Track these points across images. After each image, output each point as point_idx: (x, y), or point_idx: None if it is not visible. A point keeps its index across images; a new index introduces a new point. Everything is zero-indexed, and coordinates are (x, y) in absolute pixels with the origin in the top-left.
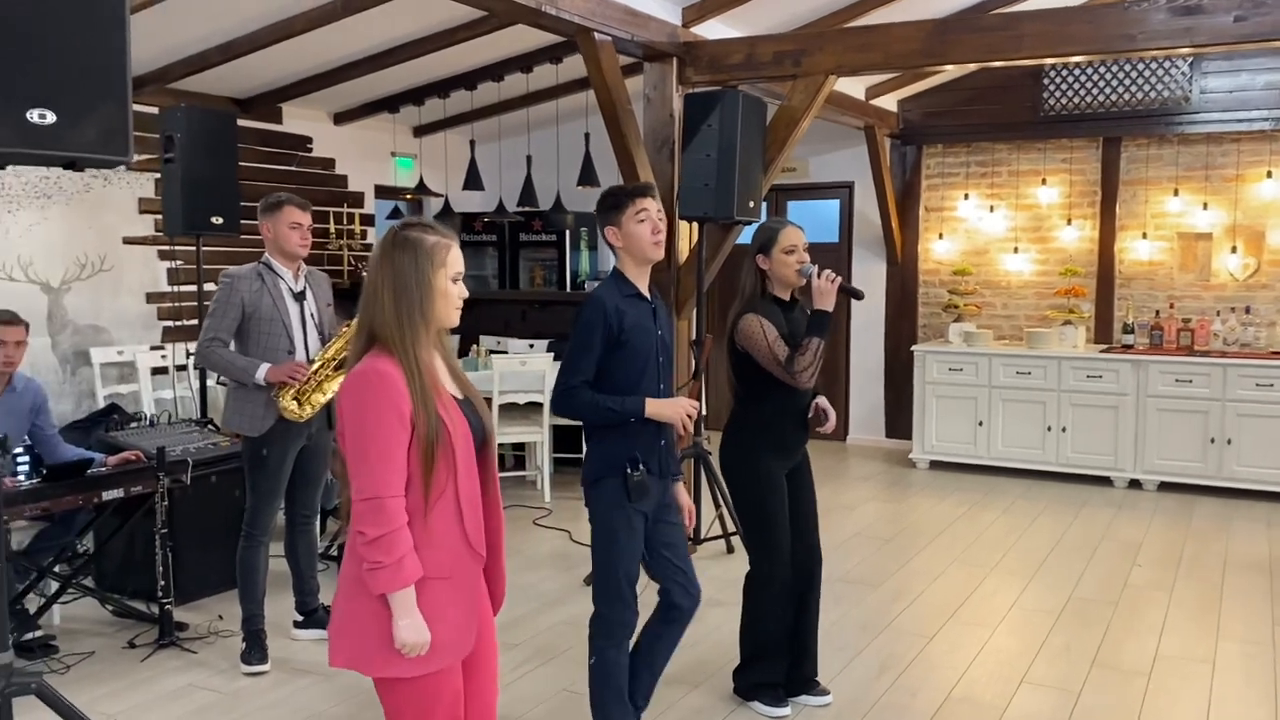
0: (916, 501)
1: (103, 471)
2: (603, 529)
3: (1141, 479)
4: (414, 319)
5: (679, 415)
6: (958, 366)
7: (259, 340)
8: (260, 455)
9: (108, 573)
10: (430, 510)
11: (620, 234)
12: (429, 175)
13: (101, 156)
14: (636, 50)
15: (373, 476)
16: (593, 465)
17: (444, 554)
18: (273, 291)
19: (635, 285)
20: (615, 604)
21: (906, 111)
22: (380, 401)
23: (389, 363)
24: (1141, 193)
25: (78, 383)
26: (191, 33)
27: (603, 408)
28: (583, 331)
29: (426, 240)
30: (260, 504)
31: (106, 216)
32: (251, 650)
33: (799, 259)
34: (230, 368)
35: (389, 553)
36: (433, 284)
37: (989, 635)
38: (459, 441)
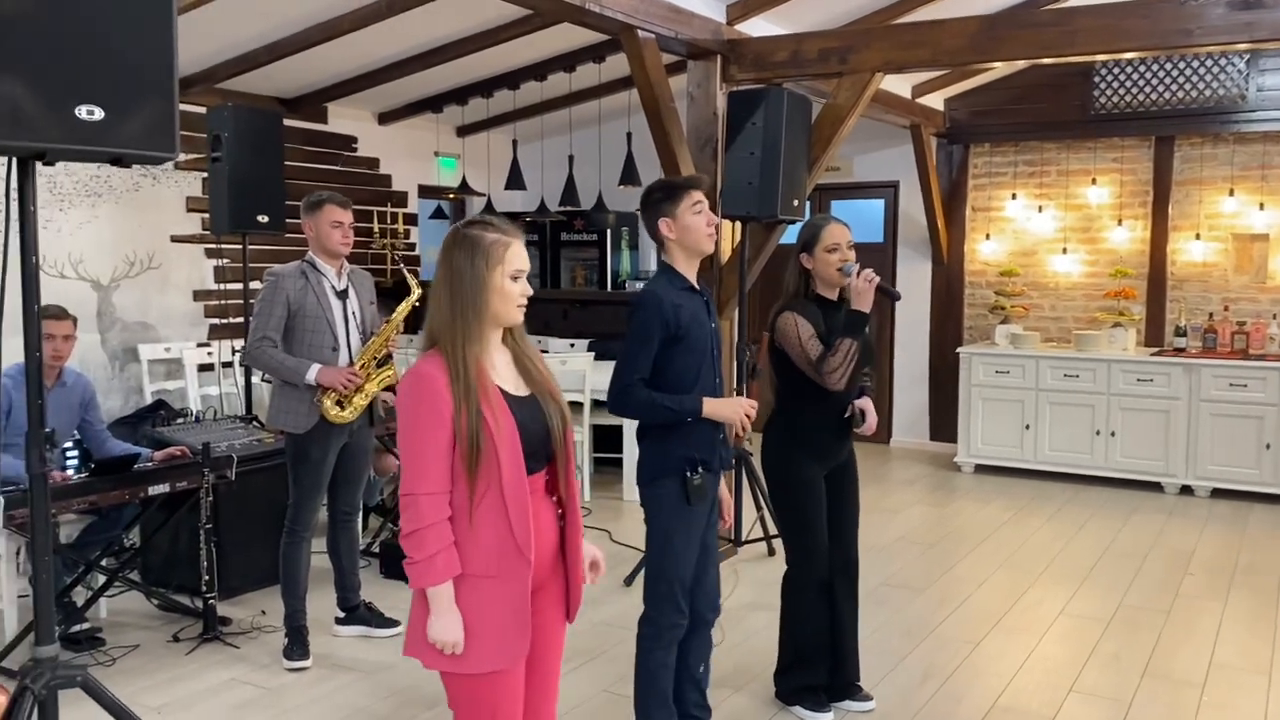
0: (961, 505)
1: (149, 467)
2: (659, 531)
3: (1193, 485)
4: (467, 317)
5: (738, 415)
6: (1004, 369)
7: (303, 338)
8: (304, 452)
9: (153, 566)
10: (475, 509)
11: (675, 225)
12: (471, 175)
13: (148, 152)
14: (680, 48)
15: (408, 473)
16: (648, 465)
17: (489, 553)
18: (316, 290)
19: (687, 278)
20: (666, 608)
21: (953, 110)
22: (419, 403)
23: (436, 363)
24: (1195, 193)
25: (126, 379)
26: (239, 33)
27: (660, 406)
28: (639, 328)
29: (485, 238)
30: (303, 500)
31: (155, 215)
32: (294, 646)
33: (841, 257)
34: (280, 368)
35: (419, 548)
36: (487, 281)
37: (1036, 643)
38: (502, 440)
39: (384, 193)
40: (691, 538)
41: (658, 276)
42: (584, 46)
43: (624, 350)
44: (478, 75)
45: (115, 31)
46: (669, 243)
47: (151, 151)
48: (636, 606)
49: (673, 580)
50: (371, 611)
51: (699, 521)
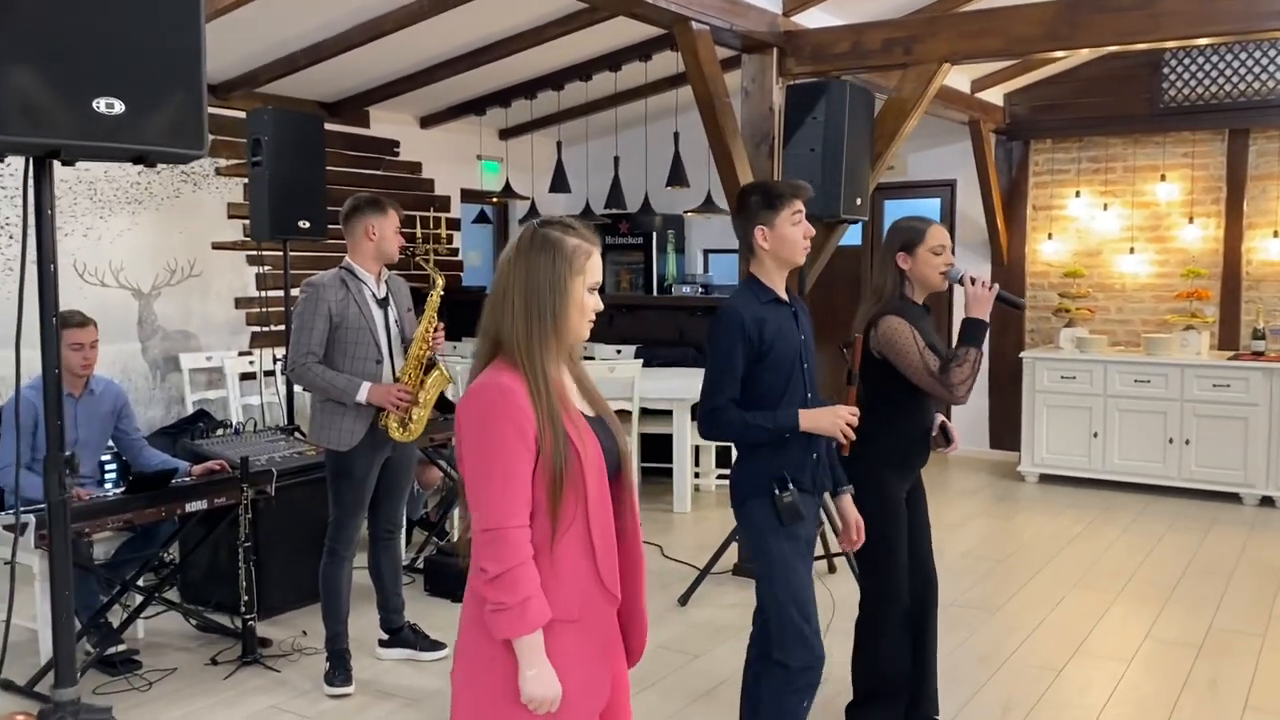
0: (1028, 518)
1: (186, 482)
2: (762, 558)
3: (1275, 496)
4: (545, 329)
5: (837, 425)
6: (1070, 374)
7: (346, 350)
8: (346, 469)
9: (192, 583)
10: (557, 544)
11: (771, 235)
12: (515, 178)
13: (174, 150)
14: (735, 41)
15: (492, 504)
16: (739, 484)
17: (572, 594)
18: (358, 299)
19: (773, 289)
20: (794, 648)
21: (1013, 105)
22: (502, 419)
23: (513, 376)
24: (1272, 188)
25: (167, 388)
26: (279, 35)
27: (754, 426)
28: (720, 348)
29: (567, 243)
30: (344, 518)
31: (196, 222)
32: (335, 671)
33: (946, 260)
34: (330, 387)
35: (512, 591)
36: (569, 292)
37: (1123, 670)
38: (590, 465)
39: (427, 197)
40: (797, 562)
41: (741, 289)
42: (630, 45)
43: (708, 372)
44: (521, 76)
45: (136, 18)
46: (760, 252)
47: (178, 149)
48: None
49: (792, 613)
50: (416, 633)
51: (798, 543)
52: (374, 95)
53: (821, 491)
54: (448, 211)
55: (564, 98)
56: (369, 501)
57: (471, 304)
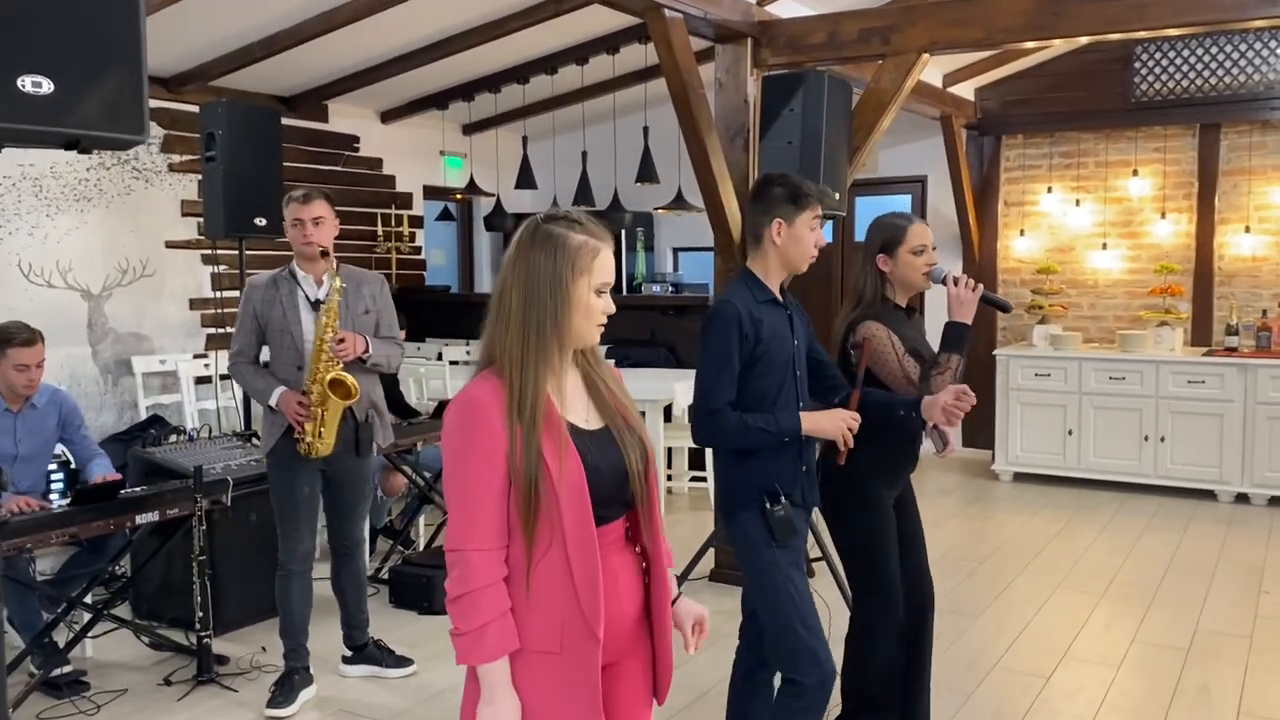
0: (1005, 518)
1: (136, 493)
2: (757, 575)
3: (1250, 493)
4: (543, 335)
5: (840, 429)
6: (1044, 371)
7: (274, 353)
8: (273, 479)
9: (146, 596)
10: (534, 569)
11: (787, 233)
12: (480, 174)
13: (111, 135)
14: (708, 30)
15: (455, 524)
16: (728, 496)
17: (550, 624)
18: (285, 301)
19: (770, 289)
20: (806, 665)
21: (984, 100)
22: (469, 436)
23: (490, 387)
24: (1244, 183)
25: (119, 393)
26: (233, 25)
27: (755, 429)
28: (716, 345)
29: (572, 239)
30: (285, 532)
31: (148, 220)
32: (279, 689)
33: (929, 260)
34: (251, 388)
35: (469, 617)
36: (571, 294)
37: (1112, 675)
38: (566, 487)
39: (388, 194)
40: (794, 576)
41: (736, 284)
42: (597, 37)
43: (703, 373)
44: (485, 70)
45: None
46: (769, 247)
47: (115, 134)
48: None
49: (799, 632)
50: (381, 649)
51: (792, 558)
52: (332, 89)
53: (811, 507)
54: (410, 209)
55: (529, 92)
56: (311, 515)
57: (435, 304)
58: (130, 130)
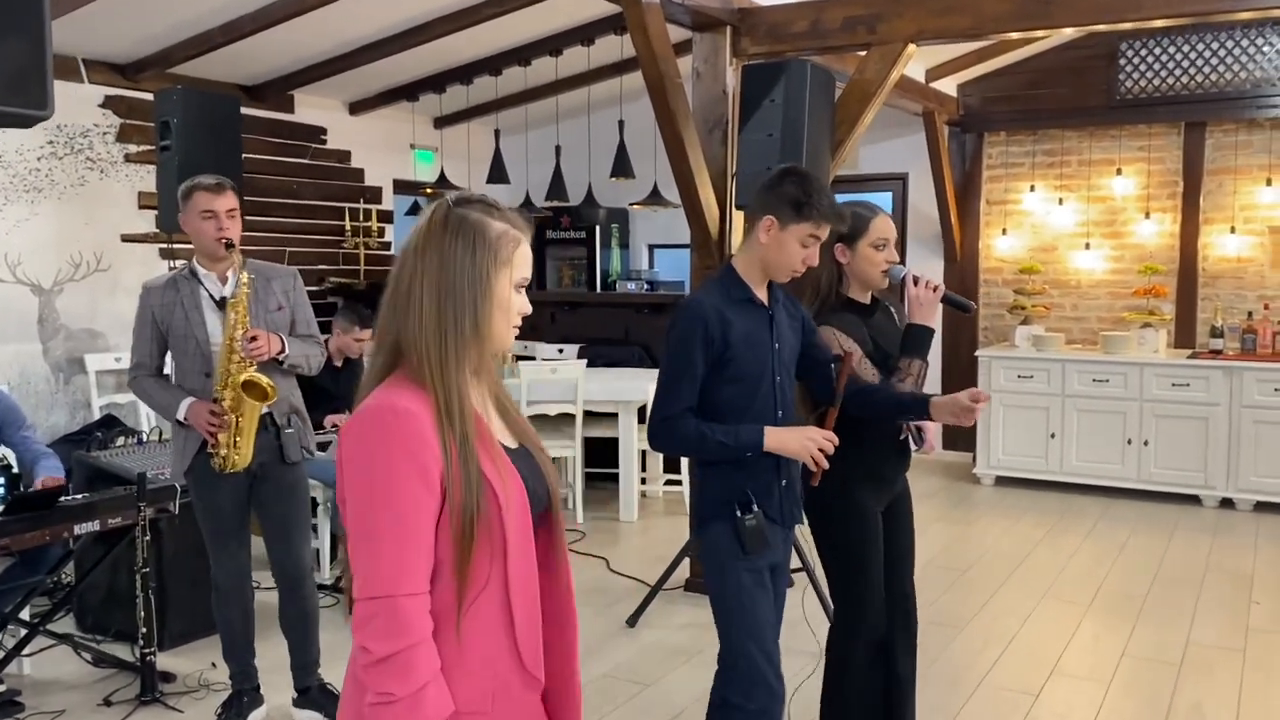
0: (988, 524)
1: (76, 501)
2: (718, 588)
3: (1235, 498)
4: (462, 335)
5: (807, 449)
6: (1027, 373)
7: (177, 361)
8: (194, 500)
9: (90, 608)
10: (465, 613)
11: (774, 235)
12: (451, 168)
13: (9, 110)
14: (685, 17)
15: (380, 565)
16: (700, 505)
17: (481, 678)
18: (186, 302)
19: (749, 287)
20: (753, 688)
21: (966, 96)
22: (396, 453)
23: (415, 395)
24: (1229, 183)
25: (71, 392)
26: (193, 9)
27: (712, 441)
28: (678, 347)
29: (490, 227)
30: (211, 547)
31: (103, 212)
32: (229, 710)
33: (889, 257)
34: (154, 403)
35: (404, 679)
36: (493, 290)
37: (1103, 693)
38: (511, 513)
39: (356, 188)
40: (757, 595)
41: (713, 281)
42: (572, 28)
43: (663, 374)
44: (456, 61)
45: None
46: (757, 246)
47: (14, 109)
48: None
49: (751, 651)
50: (326, 694)
51: (759, 574)
52: (299, 78)
53: (791, 525)
54: (379, 203)
55: (502, 84)
56: (239, 533)
57: None
58: (30, 105)
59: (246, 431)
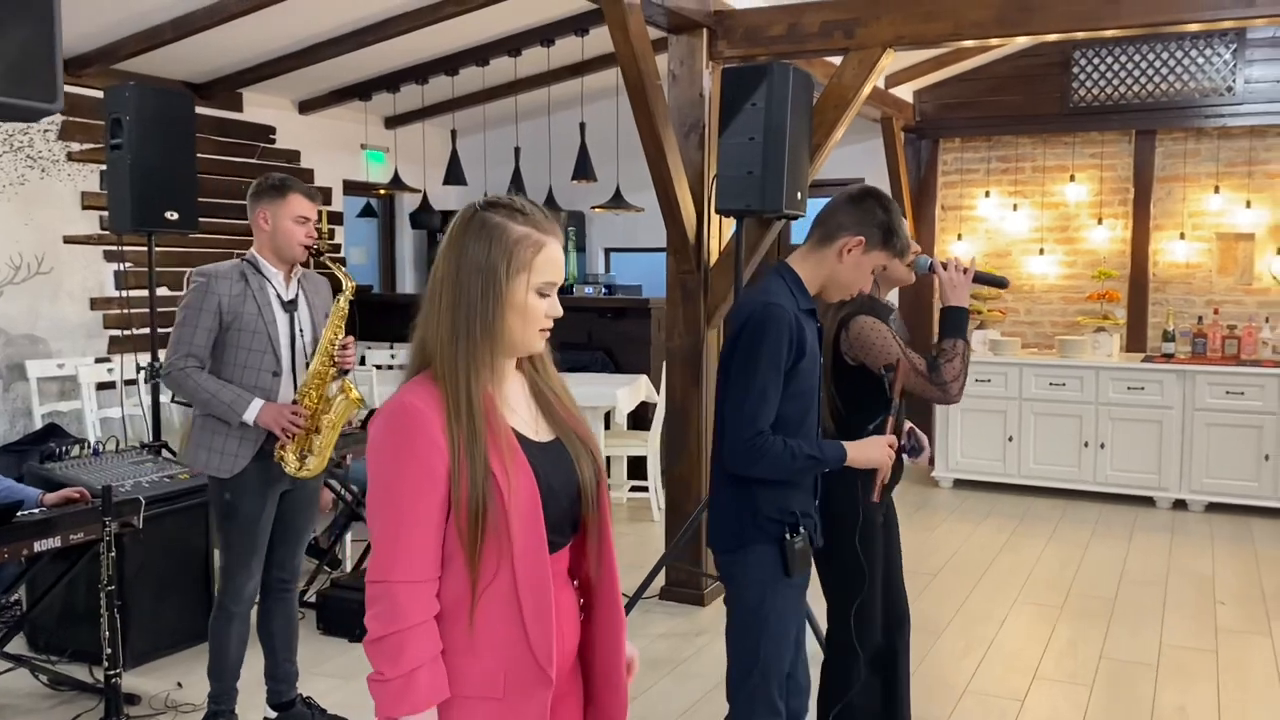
0: (951, 527)
1: (36, 516)
2: (749, 612)
3: (1188, 499)
4: (472, 336)
5: (889, 457)
6: (985, 377)
7: (237, 357)
8: (232, 505)
9: (44, 628)
10: (477, 602)
11: (858, 259)
12: (405, 169)
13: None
14: (662, 19)
15: (380, 551)
16: (732, 526)
17: (494, 665)
18: (259, 297)
19: (810, 297)
20: (760, 710)
21: (922, 103)
22: (404, 449)
23: (426, 394)
24: (1178, 190)
25: (11, 399)
26: (143, 3)
27: (801, 457)
28: (767, 355)
29: (511, 230)
30: (233, 567)
31: (45, 213)
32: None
33: (913, 250)
34: (213, 400)
35: (395, 660)
36: (506, 293)
37: (1087, 696)
38: (516, 508)
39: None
40: (789, 619)
41: (777, 282)
42: (531, 28)
43: (743, 387)
44: (411, 60)
45: None
46: (829, 261)
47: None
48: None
49: (770, 675)
50: (311, 709)
51: (797, 598)
52: (248, 76)
53: (819, 546)
54: (329, 205)
55: (459, 84)
56: (266, 545)
57: (356, 304)
58: (39, 96)
59: (329, 439)
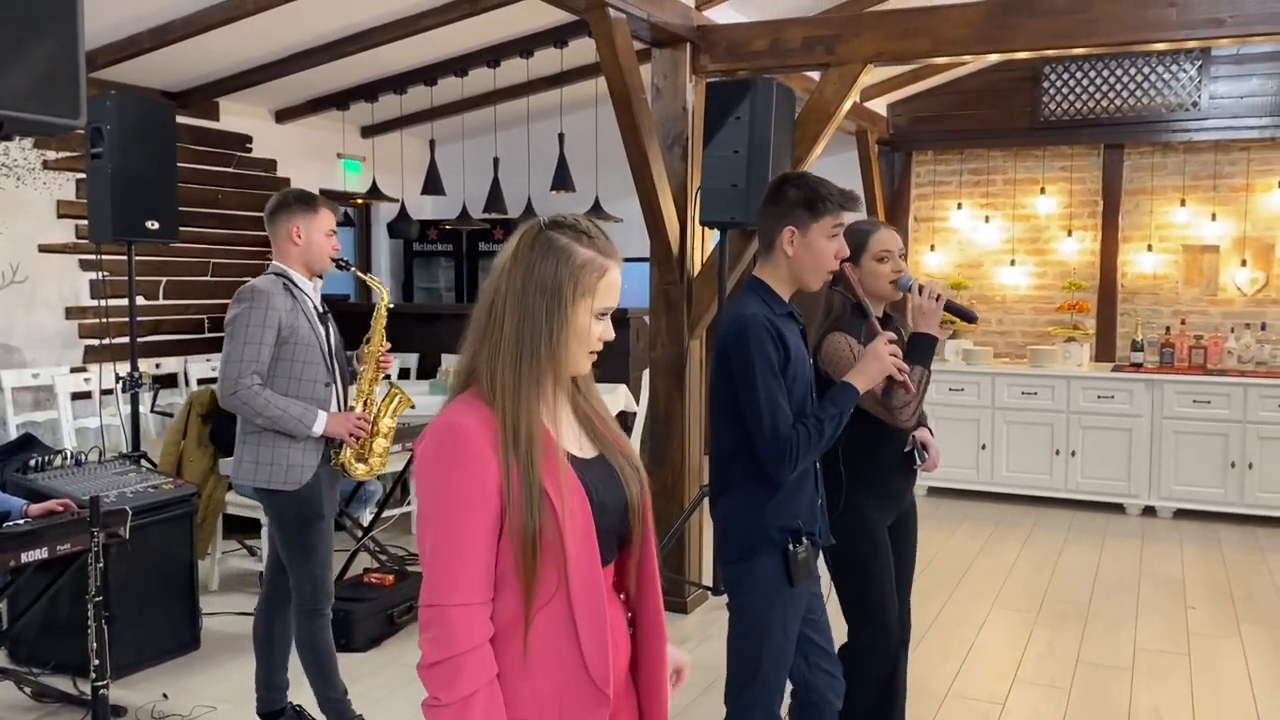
0: (928, 534)
1: (20, 527)
2: (751, 623)
3: (1157, 506)
4: (535, 360)
5: (888, 361)
6: (958, 386)
7: (291, 371)
8: (312, 511)
9: (25, 640)
10: (531, 625)
11: (800, 242)
12: (382, 179)
13: (40, 117)
14: (646, 33)
15: (433, 573)
16: (738, 536)
17: (549, 688)
18: (306, 311)
19: (785, 302)
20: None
21: (895, 116)
22: (455, 470)
23: (478, 414)
24: (1146, 202)
25: None
26: (121, 13)
27: (826, 422)
28: (759, 362)
29: (578, 254)
30: (320, 568)
31: (19, 221)
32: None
33: (895, 268)
34: (284, 416)
35: (451, 685)
36: (571, 318)
37: (1065, 699)
38: (571, 529)
39: None
40: (792, 630)
41: (750, 295)
42: (510, 40)
43: (753, 399)
44: (389, 70)
45: None
46: (780, 256)
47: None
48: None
49: (771, 684)
50: (301, 717)
51: (800, 606)
52: (225, 85)
53: (826, 543)
54: None
55: (437, 93)
56: None
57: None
58: (63, 112)
59: (388, 436)
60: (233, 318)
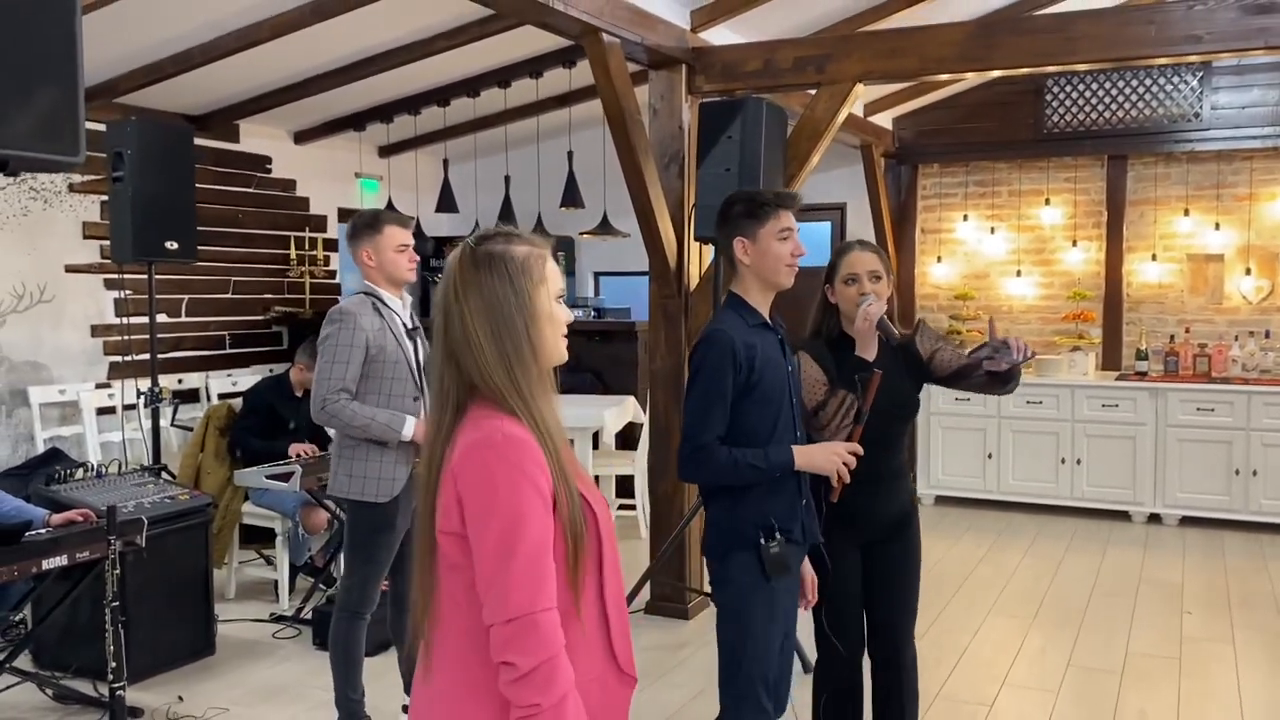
0: (931, 542)
1: (42, 536)
2: (732, 615)
3: (1162, 513)
4: (523, 357)
5: (834, 463)
6: (964, 396)
7: (381, 386)
8: (386, 522)
9: (48, 645)
10: (580, 618)
11: (753, 249)
12: (398, 197)
13: (41, 155)
14: (642, 55)
15: (517, 585)
16: (718, 535)
17: (587, 675)
18: (393, 328)
19: (760, 313)
20: (746, 710)
21: (901, 130)
22: (520, 478)
23: (513, 422)
24: (1150, 213)
25: (14, 425)
26: (143, 40)
27: (745, 466)
28: (710, 376)
29: (516, 252)
30: (374, 576)
31: (47, 242)
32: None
33: (860, 290)
34: (372, 424)
35: (549, 688)
36: (536, 306)
37: (1052, 701)
38: (605, 525)
39: (301, 217)
40: (774, 622)
41: (726, 311)
42: (521, 60)
43: (691, 404)
44: (404, 91)
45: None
46: (742, 269)
47: (46, 154)
48: None
49: (754, 676)
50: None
51: (781, 601)
52: (245, 108)
53: (812, 543)
54: (324, 232)
55: (450, 114)
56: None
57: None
58: (64, 151)
59: None
60: (323, 338)
